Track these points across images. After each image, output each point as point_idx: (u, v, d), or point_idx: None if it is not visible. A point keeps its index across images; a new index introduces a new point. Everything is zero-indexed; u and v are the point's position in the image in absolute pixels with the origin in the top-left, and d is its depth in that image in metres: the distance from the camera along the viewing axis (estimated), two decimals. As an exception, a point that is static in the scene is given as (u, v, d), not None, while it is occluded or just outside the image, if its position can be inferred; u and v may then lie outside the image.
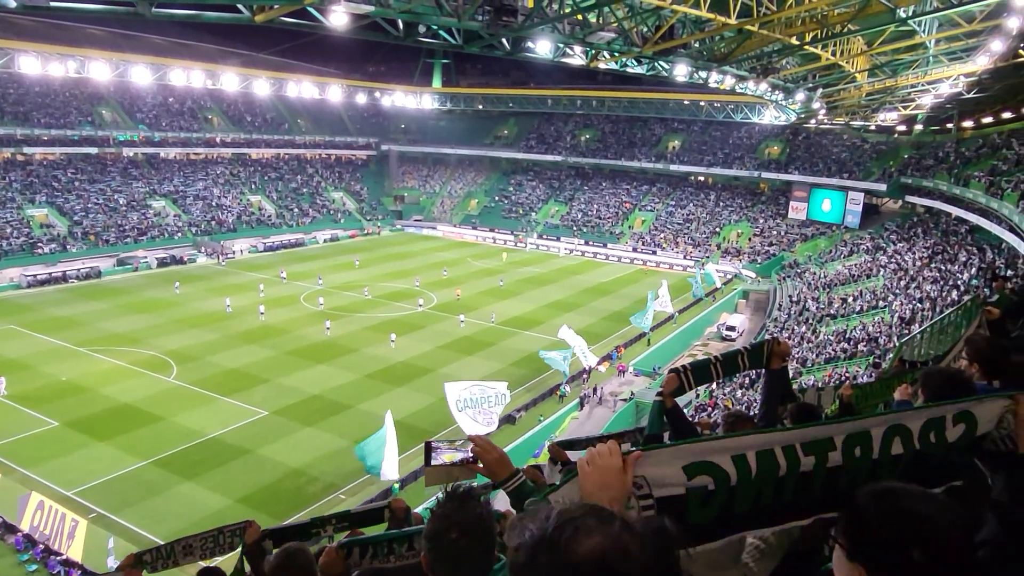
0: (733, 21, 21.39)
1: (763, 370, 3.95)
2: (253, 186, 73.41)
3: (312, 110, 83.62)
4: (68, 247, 54.07)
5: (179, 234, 61.87)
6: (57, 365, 33.36)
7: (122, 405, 29.50)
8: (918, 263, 42.82)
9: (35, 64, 54.63)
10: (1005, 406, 1.92)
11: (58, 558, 19.28)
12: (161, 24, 54.77)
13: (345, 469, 24.88)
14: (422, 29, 22.45)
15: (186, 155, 71.96)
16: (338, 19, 18.97)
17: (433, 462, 2.47)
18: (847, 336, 36.19)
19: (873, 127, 64.99)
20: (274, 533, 4.25)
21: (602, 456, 1.60)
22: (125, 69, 59.76)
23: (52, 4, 17.95)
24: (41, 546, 19.96)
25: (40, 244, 52.89)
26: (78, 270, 51.15)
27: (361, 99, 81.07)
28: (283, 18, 19.51)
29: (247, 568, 3.93)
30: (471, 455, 2.40)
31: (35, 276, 48.76)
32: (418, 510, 5.94)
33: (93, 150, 63.83)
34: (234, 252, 61.54)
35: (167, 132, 69.85)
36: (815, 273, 51.82)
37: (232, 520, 4.70)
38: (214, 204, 67.75)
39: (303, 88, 72.07)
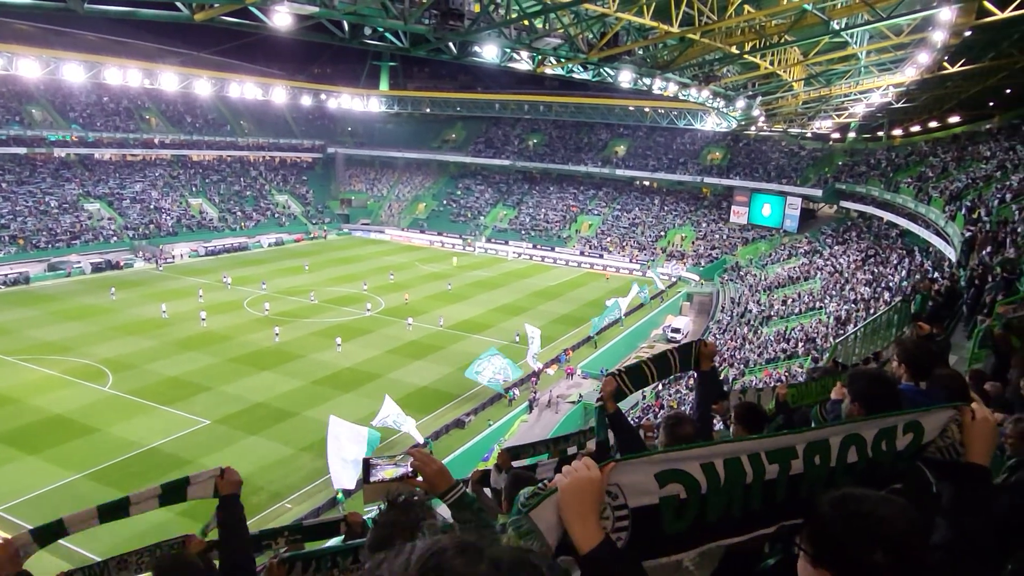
0: (676, 29, 21.88)
1: (694, 372, 4.10)
2: (194, 189, 71.44)
3: (256, 111, 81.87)
4: (-6, 252, 51.70)
5: (115, 238, 59.76)
6: (-17, 375, 31.85)
7: (54, 416, 28.30)
8: (852, 266, 44.43)
9: (-42, 60, 52.04)
10: (951, 416, 1.99)
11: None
12: (95, 20, 53.01)
13: (291, 479, 24.44)
14: (368, 31, 22.28)
15: (122, 156, 69.56)
16: (281, 20, 18.70)
17: (372, 479, 2.44)
18: (786, 336, 37.29)
19: (809, 134, 67.27)
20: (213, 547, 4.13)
21: (578, 471, 1.61)
22: (56, 67, 57.27)
23: (-23, -2, 17.18)
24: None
25: (-36, 249, 50.43)
26: (6, 276, 48.87)
27: (306, 101, 79.66)
28: (224, 17, 19.09)
29: None
30: (411, 470, 2.37)
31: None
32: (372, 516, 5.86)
33: (22, 150, 61.10)
34: (174, 257, 59.73)
35: (102, 132, 67.37)
36: (756, 276, 53.28)
37: (173, 532, 4.58)
38: (152, 207, 65.64)
39: (246, 89, 70.36)
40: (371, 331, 41.55)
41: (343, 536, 5.17)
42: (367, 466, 2.45)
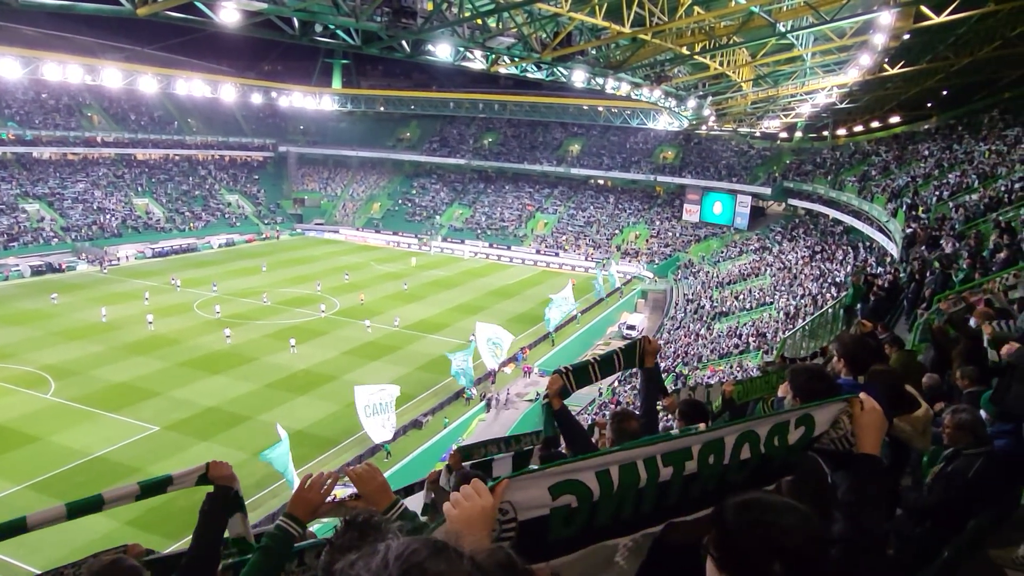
0: (627, 30, 22.11)
1: (638, 368, 4.18)
2: (140, 188, 69.39)
3: (204, 109, 79.89)
4: (-74, 255, 49.43)
5: (56, 240, 57.68)
6: (-85, 385, 30.44)
7: (-8, 426, 27.23)
8: (800, 262, 45.60)
9: None
10: (841, 408, 2.06)
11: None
12: (32, 14, 50.96)
13: (244, 484, 23.89)
14: (319, 28, 21.94)
15: (63, 155, 67.16)
16: (229, 16, 18.30)
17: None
18: (738, 332, 38.09)
19: (758, 134, 68.75)
20: (154, 564, 3.98)
21: (468, 498, 1.59)
22: (-9, 62, 55.07)
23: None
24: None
25: None
26: (-62, 280, 46.82)
27: (257, 99, 78.13)
28: (169, 12, 18.57)
29: None
30: (356, 491, 2.30)
31: None
32: (314, 528, 5.77)
33: (-46, 149, 58.55)
34: (119, 259, 57.92)
35: (40, 130, 64.90)
36: (709, 273, 54.26)
37: (120, 542, 4.43)
38: (96, 207, 63.56)
39: (193, 86, 68.59)
40: (326, 332, 41.01)
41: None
42: None
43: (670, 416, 5.22)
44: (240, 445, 26.78)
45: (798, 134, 66.13)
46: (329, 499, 2.35)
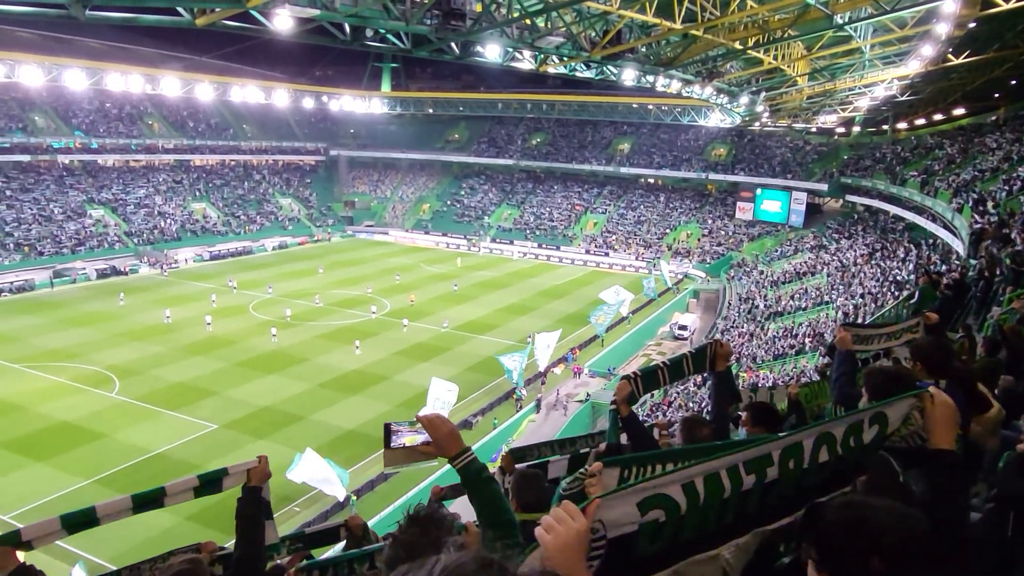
0: (678, 26, 21.76)
1: (709, 372, 4.07)
2: (197, 193, 71.54)
3: (258, 115, 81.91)
4: (0, 259, 51.75)
5: (120, 244, 59.89)
6: (-10, 383, 31.90)
7: (61, 423, 28.33)
8: (859, 260, 44.21)
9: (-39, 69, 52.18)
10: (912, 404, 2.04)
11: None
12: (97, 27, 53.01)
13: (293, 486, 24.35)
14: (369, 33, 22.21)
15: (125, 162, 69.68)
16: (282, 23, 18.62)
17: (392, 444, 2.44)
18: (793, 332, 37.11)
19: (814, 129, 67.03)
20: (226, 559, 4.09)
21: (562, 522, 1.56)
22: (59, 73, 57.40)
23: (-22, 6, 17.17)
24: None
25: (-30, 257, 50.56)
26: (11, 283, 48.98)
27: (308, 104, 79.64)
28: (225, 21, 19.03)
29: None
30: (428, 437, 2.37)
31: (-35, 290, 46.59)
32: (372, 522, 5.83)
33: (26, 157, 61.22)
34: (178, 262, 59.80)
35: (105, 138, 67.51)
36: (763, 272, 53.07)
37: (181, 538, 4.50)
38: (156, 212, 65.79)
39: (248, 93, 70.43)
40: (377, 333, 41.50)
41: (344, 542, 5.17)
42: (387, 431, 2.44)
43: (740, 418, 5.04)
44: (294, 444, 27.20)
45: (856, 128, 64.21)
46: (398, 444, 2.40)
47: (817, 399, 6.05)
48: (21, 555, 3.02)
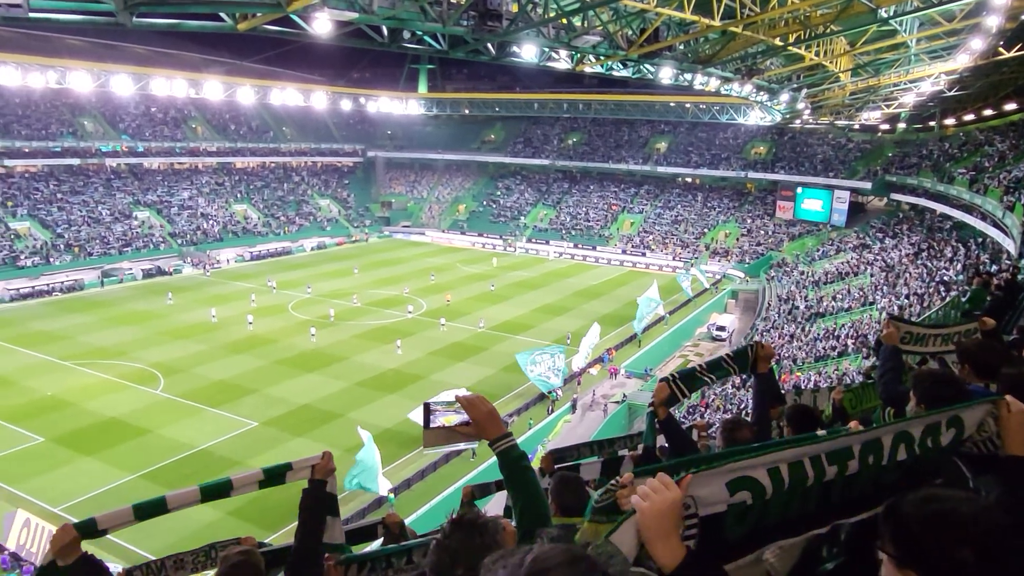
0: (717, 23, 21.46)
1: (750, 374, 4.00)
2: (238, 195, 72.96)
3: (297, 118, 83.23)
4: (51, 260, 53.46)
5: (164, 245, 61.37)
6: (41, 380, 32.91)
7: (108, 419, 29.14)
8: (904, 260, 43.10)
9: (15, 75, 54.07)
10: (987, 409, 2.03)
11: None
12: (142, 33, 54.50)
13: (337, 480, 24.61)
14: (407, 35, 22.38)
15: (170, 165, 71.40)
16: (322, 26, 18.85)
17: (432, 424, 2.45)
18: (836, 334, 36.33)
19: (857, 126, 65.55)
20: (265, 556, 4.15)
21: (657, 491, 1.61)
22: (106, 79, 59.21)
23: (31, 15, 17.71)
24: (29, 565, 19.65)
25: (22, 257, 52.27)
26: (61, 283, 50.59)
27: (346, 106, 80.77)
28: (266, 26, 19.34)
29: None
30: (468, 418, 2.37)
31: (18, 290, 48.17)
32: (408, 521, 5.85)
33: (75, 161, 63.17)
34: (220, 262, 61.06)
35: (150, 142, 69.30)
36: (804, 272, 52.09)
37: (221, 532, 4.57)
38: (199, 214, 67.27)
39: (288, 95, 71.72)
40: (413, 333, 41.79)
41: (382, 539, 5.21)
42: (427, 411, 2.44)
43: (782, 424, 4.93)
44: (332, 442, 27.55)
45: (901, 125, 62.62)
46: (437, 424, 2.40)
47: (862, 404, 5.87)
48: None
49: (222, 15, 18.35)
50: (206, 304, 46.18)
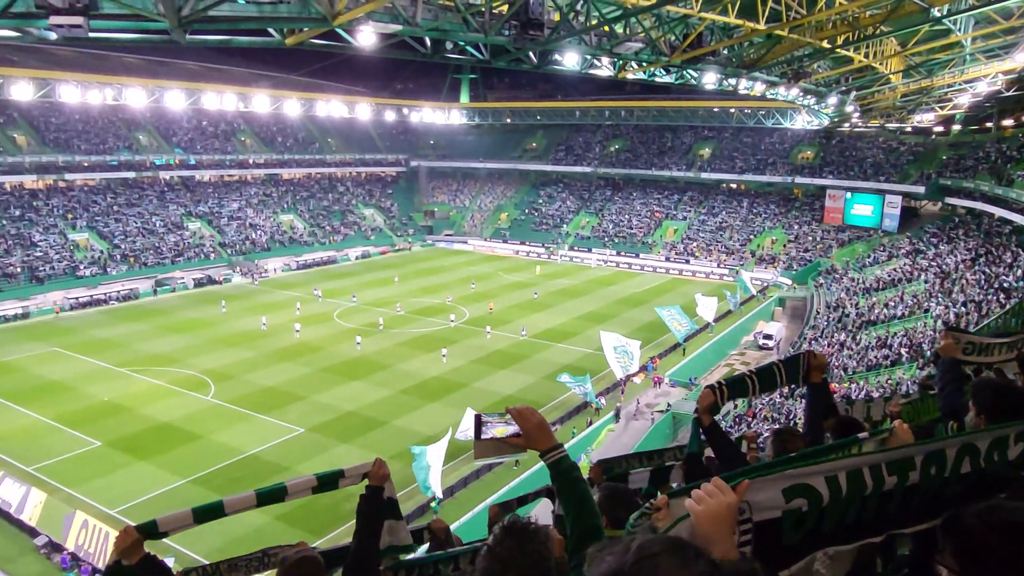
0: (762, 27, 21.15)
1: (803, 384, 3.91)
2: (285, 205, 74.49)
3: (342, 129, 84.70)
4: (108, 270, 55.34)
5: (214, 255, 62.96)
6: (99, 386, 34.04)
7: (162, 424, 29.96)
8: (960, 266, 41.69)
9: (75, 93, 56.46)
10: None
11: (102, 577, 19.52)
12: (194, 50, 56.15)
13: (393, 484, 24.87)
14: (449, 45, 22.61)
15: (220, 177, 73.34)
16: (366, 39, 19.15)
17: (483, 435, 2.43)
18: (887, 343, 35.29)
19: (909, 128, 63.85)
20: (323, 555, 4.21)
21: (712, 495, 1.62)
22: (160, 95, 61.35)
23: (91, 35, 18.41)
24: (87, 565, 20.28)
25: (81, 267, 54.24)
26: (117, 292, 52.33)
27: (390, 116, 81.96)
28: (312, 40, 19.76)
29: None
30: (519, 429, 2.37)
31: (77, 299, 49.97)
32: (453, 528, 5.87)
33: (131, 174, 65.36)
34: (267, 271, 62.39)
35: (202, 155, 71.30)
36: (854, 279, 50.78)
37: (269, 536, 4.65)
38: (248, 224, 68.87)
39: (332, 107, 73.19)
40: (456, 341, 42.00)
41: (428, 544, 5.23)
42: (478, 423, 2.44)
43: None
44: (377, 448, 27.84)
45: (956, 127, 60.76)
46: (488, 436, 2.38)
47: (920, 416, 5.67)
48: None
49: (270, 31, 18.81)
50: (255, 312, 47.20)
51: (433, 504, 23.49)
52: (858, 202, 62.43)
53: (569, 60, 25.32)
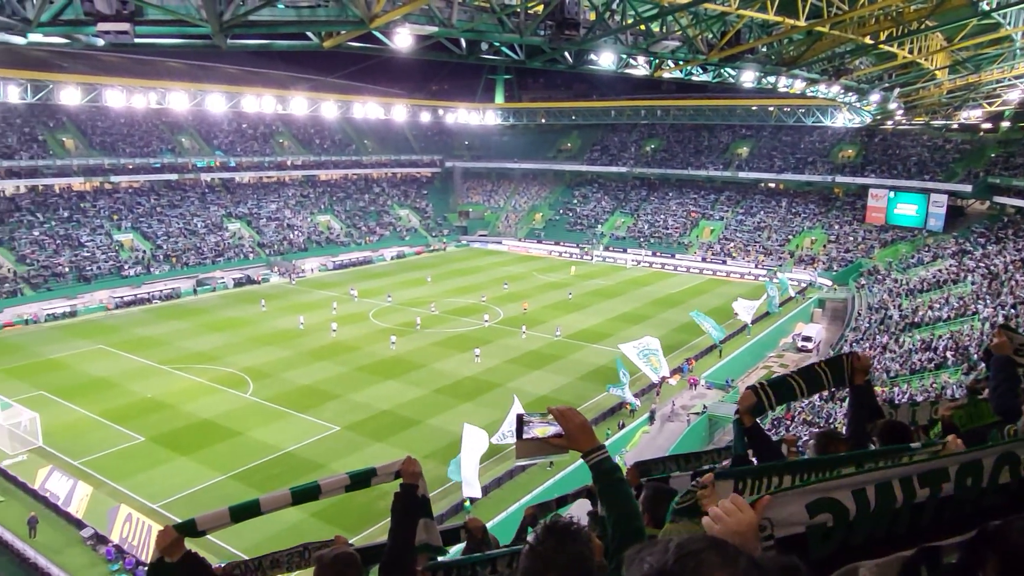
0: (802, 23, 20.78)
1: (846, 387, 3.82)
2: (322, 206, 75.49)
3: (378, 130, 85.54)
4: (151, 269, 56.70)
5: (253, 255, 64.08)
6: (142, 383, 34.90)
7: (202, 421, 30.59)
8: (1010, 267, 40.42)
9: (120, 97, 58.11)
10: None
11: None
12: (234, 54, 57.34)
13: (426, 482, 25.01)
14: (485, 46, 22.64)
15: (259, 178, 74.62)
16: (402, 41, 19.28)
17: (524, 435, 2.43)
18: (932, 345, 34.37)
19: (955, 125, 62.11)
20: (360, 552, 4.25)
21: (731, 513, 1.59)
22: (202, 98, 62.76)
23: (136, 40, 18.87)
24: (131, 557, 20.78)
25: (126, 267, 55.66)
26: (160, 291, 53.59)
27: (425, 117, 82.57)
28: (350, 43, 19.95)
29: None
30: (561, 429, 2.37)
31: (122, 298, 51.29)
32: (489, 525, 5.86)
33: (174, 176, 66.91)
34: (304, 271, 63.28)
35: (241, 157, 72.65)
36: (897, 280, 49.59)
37: (306, 532, 4.71)
38: (285, 225, 69.96)
39: (369, 109, 74.03)
40: (490, 341, 42.07)
41: (464, 542, 5.24)
42: (520, 423, 2.43)
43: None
44: (411, 448, 28.00)
45: (1005, 124, 58.95)
46: (530, 436, 2.38)
47: (974, 421, 5.45)
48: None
49: (309, 34, 19.05)
50: (292, 312, 47.90)
51: (467, 504, 23.56)
52: (902, 201, 60.96)
53: (605, 60, 25.17)
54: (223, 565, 4.37)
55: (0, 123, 58.89)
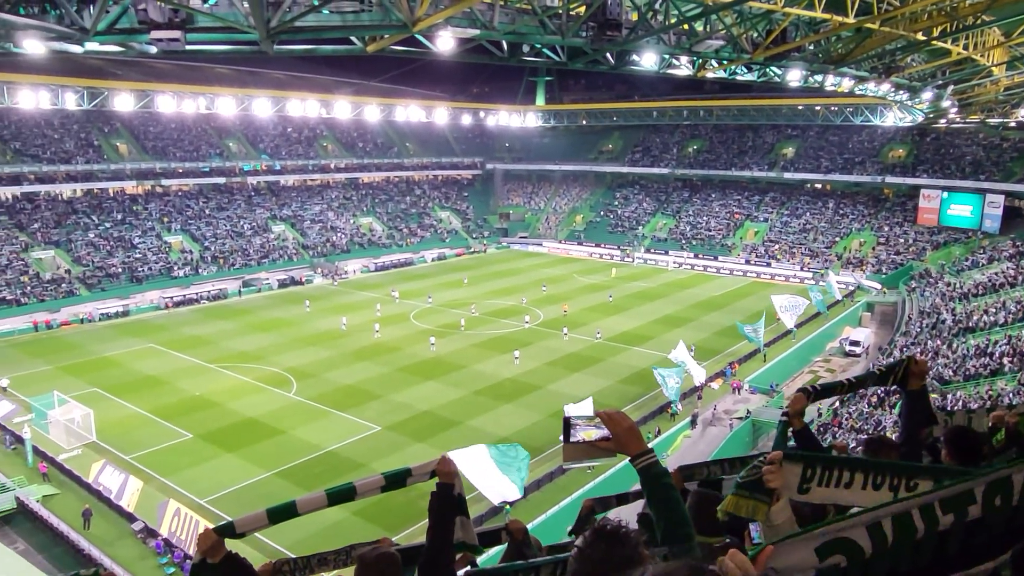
0: (851, 20, 20.28)
1: (900, 392, 3.74)
2: (364, 208, 76.47)
3: (419, 133, 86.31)
4: (200, 270, 58.13)
5: (297, 256, 65.21)
6: (190, 381, 35.78)
7: (248, 419, 31.21)
8: (1071, 270, 38.83)
9: (171, 103, 59.76)
10: None
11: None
12: (279, 59, 58.43)
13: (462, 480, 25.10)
14: (526, 48, 22.65)
15: (303, 181, 75.94)
16: (445, 44, 19.40)
17: (572, 439, 2.41)
18: (987, 351, 33.20)
19: (1013, 124, 59.82)
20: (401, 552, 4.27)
21: (730, 572, 1.48)
22: (249, 103, 64.16)
23: (187, 47, 19.37)
24: (179, 551, 21.31)
25: (175, 268, 57.17)
26: (208, 292, 54.90)
27: (466, 120, 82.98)
28: (392, 47, 20.16)
29: None
30: (608, 432, 2.34)
31: (171, 298, 52.70)
32: (530, 527, 5.82)
33: (221, 180, 68.53)
34: (347, 272, 64.16)
35: (286, 160, 74.05)
36: (950, 283, 48.05)
37: (347, 531, 4.74)
38: (329, 227, 71.05)
39: (411, 112, 74.70)
40: (530, 343, 42.04)
41: (506, 544, 5.21)
42: (567, 426, 2.41)
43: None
44: (451, 448, 27.94)
45: (1065, 121, 56.61)
46: (577, 439, 2.36)
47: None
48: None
49: (353, 39, 19.30)
50: (335, 313, 48.59)
51: (507, 507, 23.53)
52: (955, 202, 59.09)
53: (647, 60, 24.93)
54: (273, 562, 4.44)
55: (58, 129, 61.15)
